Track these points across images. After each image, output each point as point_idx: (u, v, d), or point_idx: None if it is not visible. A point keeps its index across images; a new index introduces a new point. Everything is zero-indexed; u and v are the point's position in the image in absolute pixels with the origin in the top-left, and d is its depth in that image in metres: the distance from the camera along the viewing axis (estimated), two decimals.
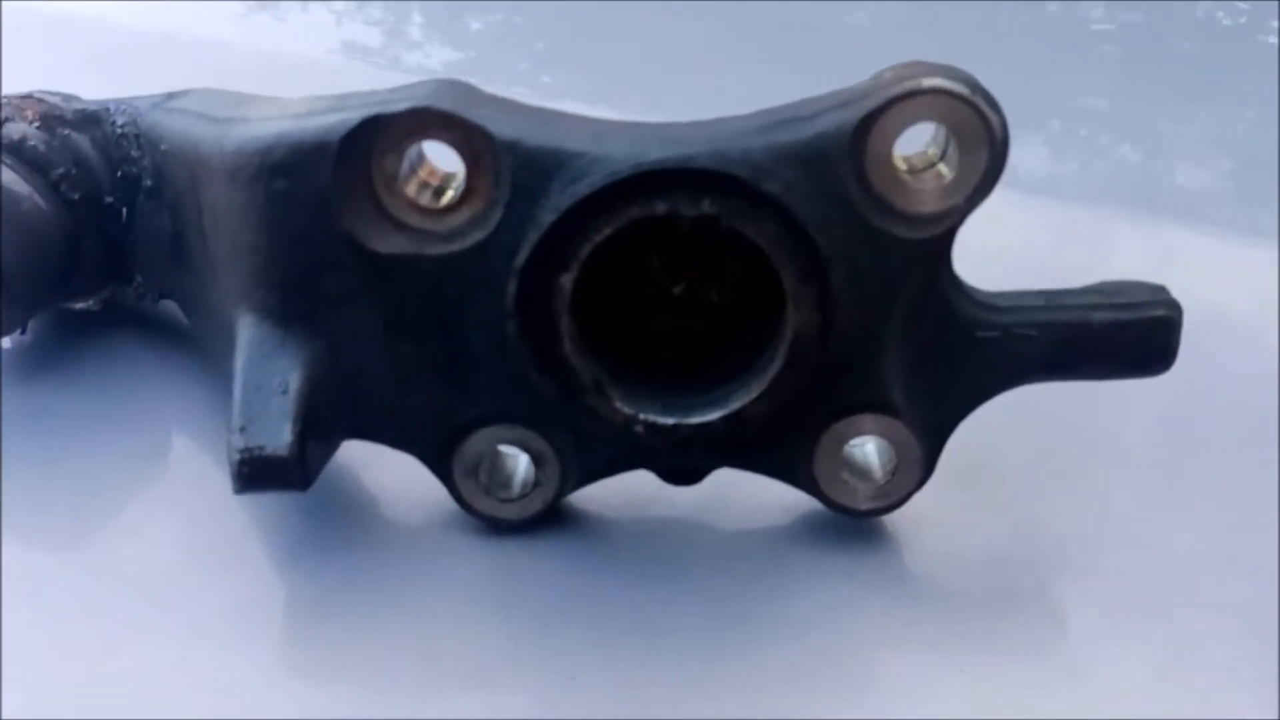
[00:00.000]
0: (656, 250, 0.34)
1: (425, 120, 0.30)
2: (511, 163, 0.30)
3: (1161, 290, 0.34)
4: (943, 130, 0.31)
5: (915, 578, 0.36)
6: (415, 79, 0.31)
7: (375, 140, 0.30)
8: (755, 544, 0.37)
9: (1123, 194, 0.34)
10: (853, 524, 0.36)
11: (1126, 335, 0.33)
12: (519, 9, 0.74)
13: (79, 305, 0.42)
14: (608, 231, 0.30)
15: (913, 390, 0.34)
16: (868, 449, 0.35)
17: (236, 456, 0.31)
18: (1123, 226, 0.35)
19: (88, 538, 0.36)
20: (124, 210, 0.39)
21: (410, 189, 0.31)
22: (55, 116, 0.39)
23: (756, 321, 0.33)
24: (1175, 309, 0.33)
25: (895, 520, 0.36)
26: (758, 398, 0.32)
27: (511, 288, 0.31)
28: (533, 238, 0.30)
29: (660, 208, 0.30)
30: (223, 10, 0.71)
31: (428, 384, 0.33)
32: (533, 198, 0.31)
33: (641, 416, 0.32)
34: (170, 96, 0.39)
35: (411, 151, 0.31)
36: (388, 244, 0.31)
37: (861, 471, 0.35)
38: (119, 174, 0.39)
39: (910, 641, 0.34)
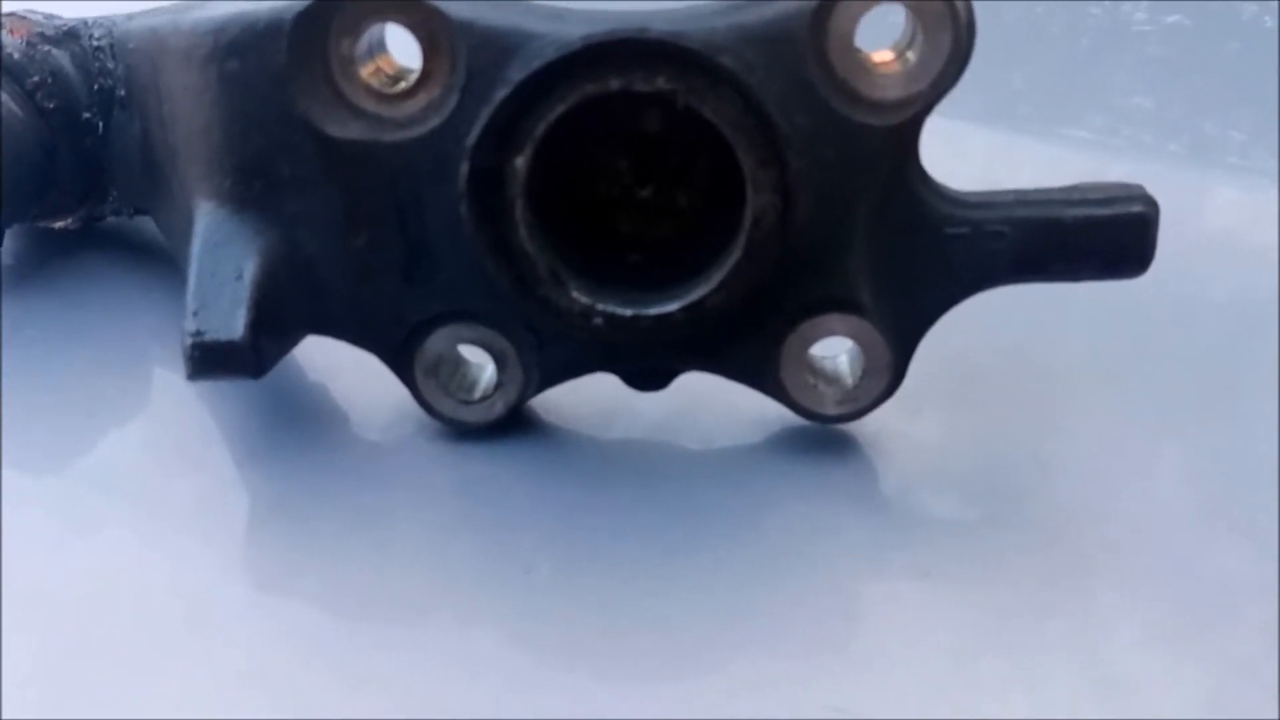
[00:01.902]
0: (624, 153, 0.33)
1: (382, 2, 0.30)
2: (467, 44, 0.30)
3: (1138, 188, 0.33)
4: (910, 20, 0.31)
5: (886, 495, 0.35)
6: None
7: (330, 22, 0.30)
8: (723, 458, 0.36)
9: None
10: (823, 440, 0.35)
11: (1101, 233, 0.32)
12: None
13: (57, 224, 0.42)
14: (560, 109, 0.30)
15: (880, 290, 0.33)
16: (836, 353, 0.34)
17: (189, 341, 0.31)
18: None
19: (57, 443, 0.36)
20: (100, 124, 0.39)
21: (366, 74, 0.31)
22: (37, 33, 0.40)
23: (722, 222, 0.33)
24: (1152, 206, 0.32)
25: (867, 436, 0.36)
26: (717, 287, 0.31)
27: (464, 168, 0.30)
28: (485, 115, 0.30)
29: (614, 83, 0.29)
30: None
31: (386, 279, 0.33)
32: (488, 81, 0.30)
33: (599, 307, 0.32)
34: (146, 11, 0.39)
35: (370, 36, 0.31)
36: (344, 129, 0.31)
37: (830, 376, 0.34)
38: (95, 88, 0.39)
39: (878, 558, 0.33)
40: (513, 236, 0.31)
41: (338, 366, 0.37)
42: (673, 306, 0.32)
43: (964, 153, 0.47)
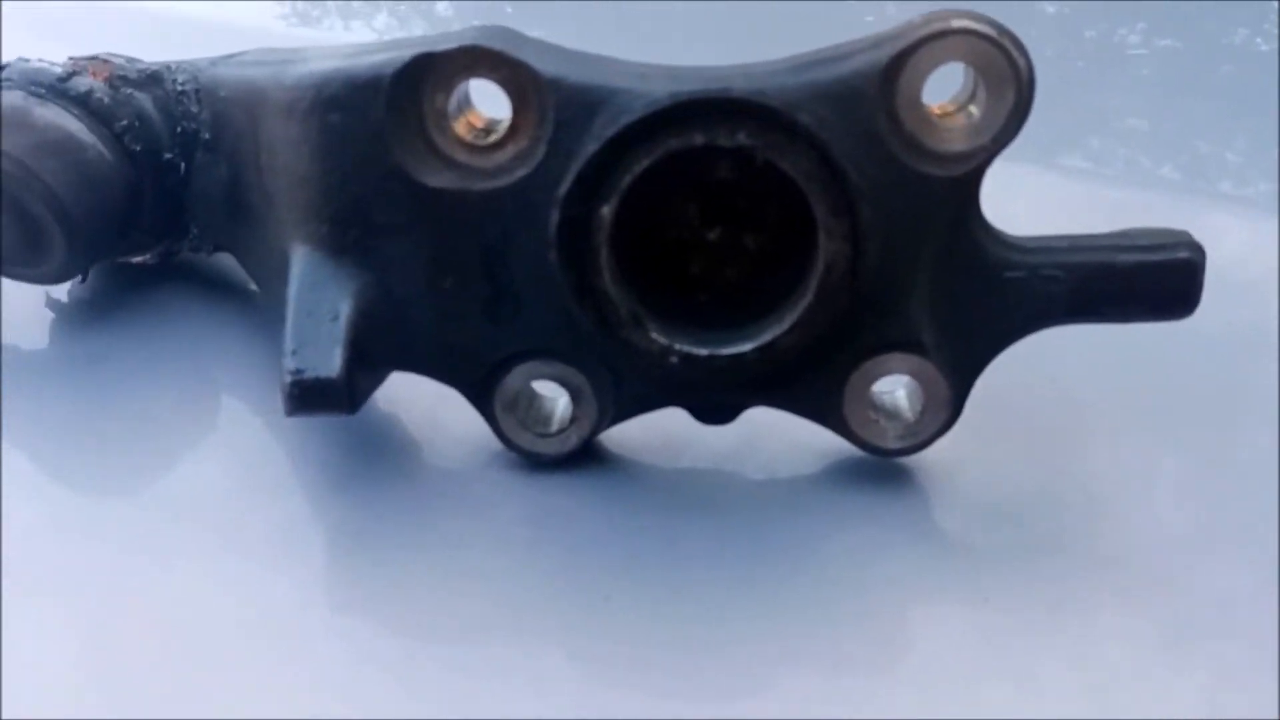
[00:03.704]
0: (694, 199, 0.35)
1: (474, 58, 0.32)
2: (555, 99, 0.32)
3: (1185, 234, 0.35)
4: (971, 75, 0.32)
5: (941, 524, 0.37)
6: None
7: (426, 78, 0.32)
8: (784, 488, 0.38)
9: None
10: (880, 470, 0.37)
11: (1150, 277, 0.34)
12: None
13: (135, 259, 0.43)
14: (646, 162, 0.31)
15: (941, 330, 0.35)
16: (897, 389, 0.36)
17: (288, 379, 0.32)
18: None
19: (141, 474, 0.38)
20: (182, 165, 0.41)
21: (458, 127, 0.33)
22: (120, 76, 0.41)
23: (789, 263, 0.35)
24: (1199, 252, 0.34)
25: (922, 467, 0.37)
26: (790, 329, 0.33)
27: (554, 217, 0.32)
28: (575, 168, 0.32)
29: (698, 139, 0.31)
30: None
31: (470, 318, 0.35)
32: (575, 133, 0.32)
33: (677, 347, 0.33)
34: (227, 56, 0.41)
35: (460, 92, 0.33)
36: (436, 179, 0.33)
37: (890, 411, 0.36)
38: (178, 130, 0.41)
39: (933, 586, 0.35)
40: (597, 280, 0.33)
41: (416, 396, 0.38)
42: (746, 347, 0.33)
43: None
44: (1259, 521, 0.36)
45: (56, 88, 0.39)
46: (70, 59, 0.42)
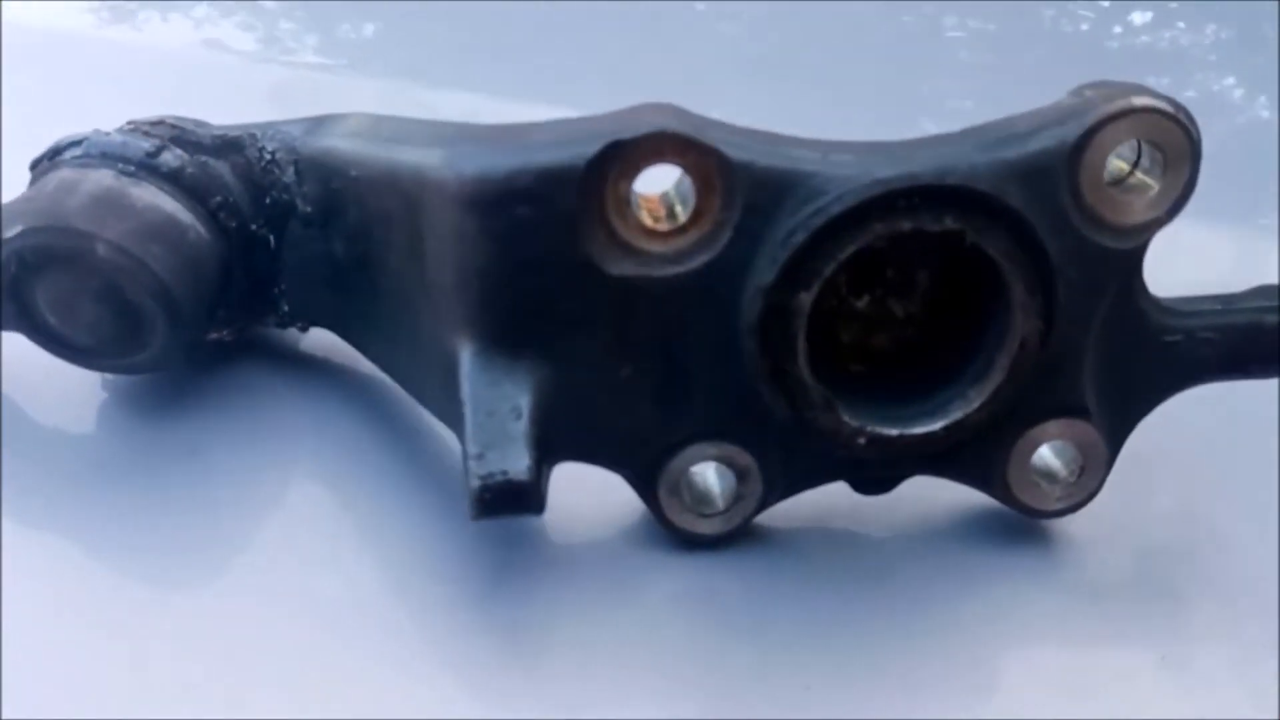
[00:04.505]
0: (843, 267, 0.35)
1: (662, 144, 0.31)
2: (746, 184, 0.31)
3: None
4: (1135, 146, 0.33)
5: (1081, 572, 0.37)
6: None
7: (612, 165, 0.31)
8: (931, 547, 0.38)
9: None
10: (1014, 522, 0.38)
11: None
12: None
13: (212, 335, 0.41)
14: (852, 249, 0.31)
15: (1102, 393, 0.35)
16: (1056, 452, 0.36)
17: (477, 484, 0.31)
18: None
19: (270, 576, 0.36)
20: (272, 239, 0.39)
21: (641, 214, 0.32)
22: (191, 143, 0.39)
23: (943, 333, 0.35)
24: None
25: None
26: (980, 406, 0.33)
27: (758, 306, 0.31)
28: (780, 258, 0.31)
29: (906, 225, 0.31)
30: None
31: (644, 404, 0.34)
32: (764, 217, 0.31)
33: (868, 429, 0.33)
34: (321, 122, 0.38)
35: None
36: (619, 267, 0.32)
37: (1046, 473, 0.36)
38: (267, 200, 0.38)
39: (1087, 637, 0.35)
40: (791, 366, 0.32)
41: None
42: (936, 426, 0.33)
43: None
44: None
45: (146, 164, 0.37)
46: (135, 124, 0.39)
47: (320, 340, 0.41)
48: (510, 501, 0.31)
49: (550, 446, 0.32)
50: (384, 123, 0.36)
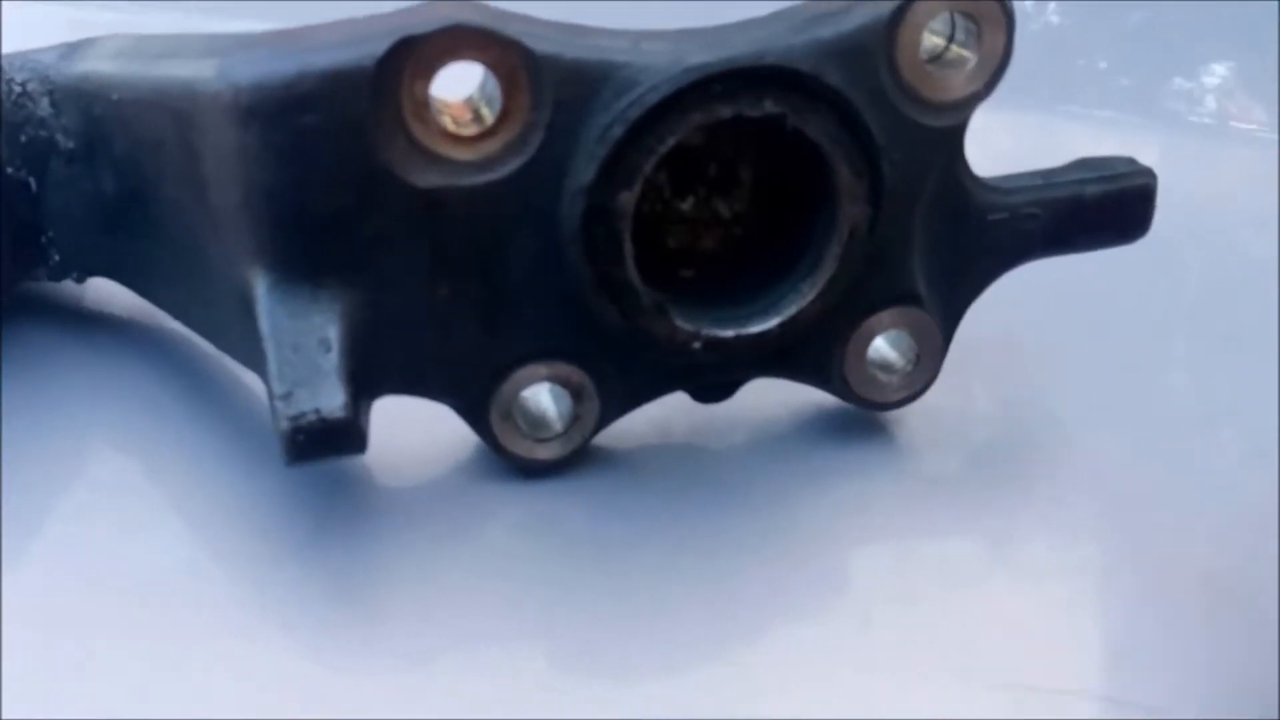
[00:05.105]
0: (664, 167, 0.33)
1: (458, 40, 0.28)
2: (554, 79, 0.29)
3: (1133, 161, 0.36)
4: (949, 19, 0.32)
5: (919, 464, 0.37)
6: None
7: (406, 65, 0.28)
8: (772, 452, 0.36)
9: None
10: (853, 419, 0.37)
11: (1115, 206, 0.35)
12: None
13: None
14: (672, 141, 0.29)
15: (931, 278, 0.35)
16: (891, 342, 0.36)
17: (287, 425, 0.28)
18: None
19: (75, 557, 0.32)
20: (32, 181, 0.35)
21: (441, 118, 0.29)
22: None
23: (771, 230, 0.33)
24: (1152, 177, 0.36)
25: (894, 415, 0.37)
26: (813, 300, 0.32)
27: (577, 209, 0.29)
28: (598, 155, 0.29)
29: (725, 112, 0.29)
30: None
31: (466, 327, 0.31)
32: (577, 115, 0.29)
33: (703, 332, 0.31)
34: (76, 47, 0.34)
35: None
36: (424, 178, 0.29)
37: (884, 365, 0.36)
38: (22, 139, 0.34)
39: (925, 530, 0.35)
40: (619, 272, 0.30)
41: None
42: (772, 323, 0.32)
43: None
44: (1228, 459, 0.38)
45: None
46: None
47: (102, 290, 0.38)
48: (326, 442, 0.28)
49: (367, 379, 0.30)
50: (149, 41, 0.33)
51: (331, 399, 0.28)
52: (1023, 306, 0.39)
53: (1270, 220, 0.47)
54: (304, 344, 0.29)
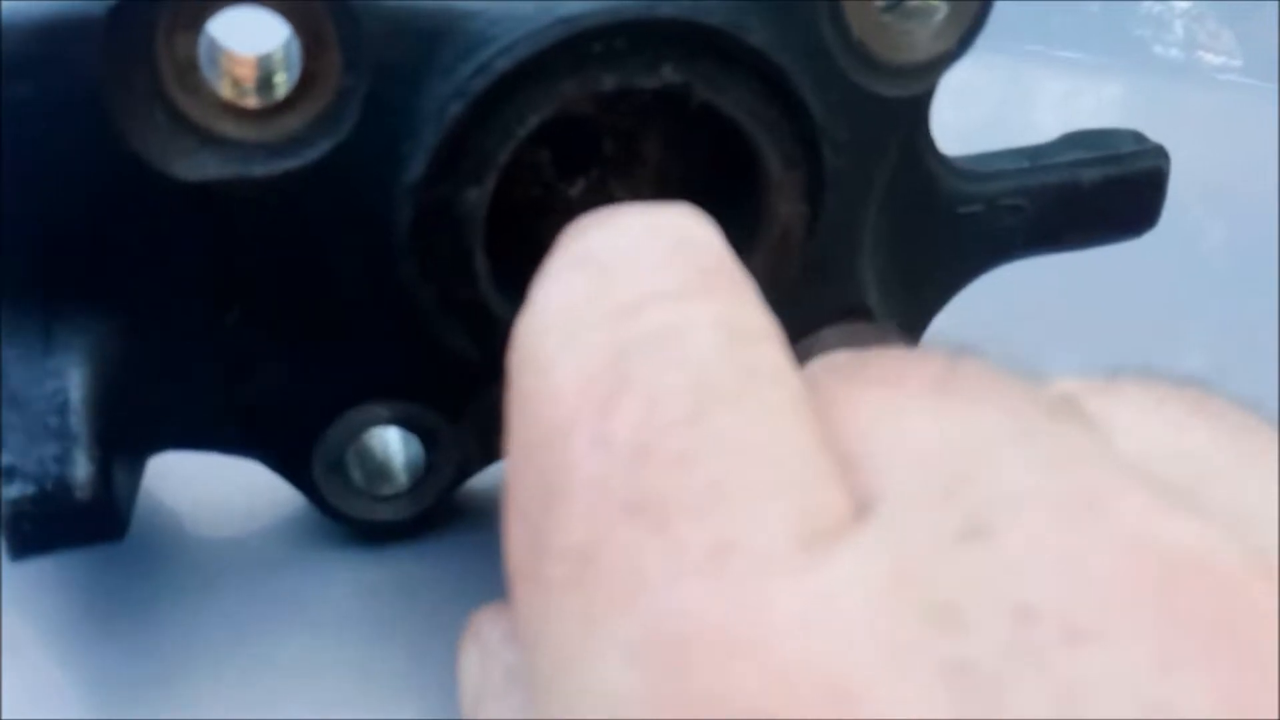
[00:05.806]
0: (545, 143, 0.25)
1: None
2: (374, 33, 0.21)
3: (1140, 137, 0.29)
4: None
5: None
6: None
7: (161, 12, 0.20)
8: None
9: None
10: None
11: (1117, 194, 0.28)
12: None
13: None
14: (535, 121, 0.22)
15: (886, 285, 0.27)
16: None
17: (8, 511, 0.20)
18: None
19: None
20: None
21: (220, 83, 0.21)
22: None
23: None
24: (1164, 157, 0.28)
25: None
26: None
27: (408, 212, 0.21)
28: (429, 139, 0.21)
29: (607, 82, 0.21)
30: None
31: (269, 360, 0.24)
32: (406, 82, 0.21)
33: None
34: None
35: (207, 35, 0.21)
36: (195, 168, 0.21)
37: None
38: None
39: None
40: (467, 291, 0.23)
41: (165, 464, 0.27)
42: None
43: None
44: None
45: None
46: None
47: None
48: (66, 528, 0.21)
49: (130, 439, 0.22)
50: None
51: (67, 470, 0.21)
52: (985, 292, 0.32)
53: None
54: (32, 399, 0.21)
